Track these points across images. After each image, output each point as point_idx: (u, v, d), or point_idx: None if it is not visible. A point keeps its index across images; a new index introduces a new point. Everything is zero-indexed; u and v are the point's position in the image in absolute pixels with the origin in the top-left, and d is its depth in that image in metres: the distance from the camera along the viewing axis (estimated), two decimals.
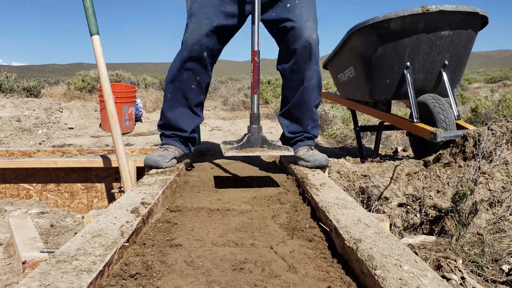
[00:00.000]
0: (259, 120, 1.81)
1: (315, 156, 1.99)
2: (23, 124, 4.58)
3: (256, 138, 1.76)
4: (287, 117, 2.23)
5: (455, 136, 2.37)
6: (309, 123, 2.17)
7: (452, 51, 2.72)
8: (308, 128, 2.17)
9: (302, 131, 2.18)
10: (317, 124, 2.21)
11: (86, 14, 2.32)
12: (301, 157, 2.04)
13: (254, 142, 1.75)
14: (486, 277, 1.36)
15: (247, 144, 1.75)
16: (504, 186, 1.89)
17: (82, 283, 0.78)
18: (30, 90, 7.71)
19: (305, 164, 1.99)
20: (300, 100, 2.12)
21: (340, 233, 1.08)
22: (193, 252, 1.10)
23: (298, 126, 2.19)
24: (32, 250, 1.65)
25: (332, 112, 6.15)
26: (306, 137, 2.18)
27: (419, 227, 1.84)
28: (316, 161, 1.97)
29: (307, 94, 2.09)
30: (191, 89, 2.08)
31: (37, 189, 2.84)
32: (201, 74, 2.06)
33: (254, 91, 1.83)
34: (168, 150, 2.08)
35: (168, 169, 1.96)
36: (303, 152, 2.08)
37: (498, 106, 5.77)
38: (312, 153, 2.05)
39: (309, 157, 2.00)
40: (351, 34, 2.91)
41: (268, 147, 1.76)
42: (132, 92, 4.87)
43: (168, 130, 2.16)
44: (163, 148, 2.10)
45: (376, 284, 0.82)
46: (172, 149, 2.10)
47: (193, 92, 2.09)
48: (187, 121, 2.14)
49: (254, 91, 1.84)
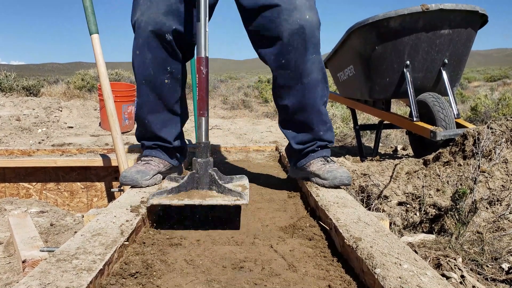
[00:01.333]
0: (208, 152, 1.34)
1: (334, 173, 1.57)
2: (23, 123, 4.57)
3: (203, 176, 1.31)
4: (291, 126, 1.73)
5: (455, 135, 2.37)
6: (320, 128, 1.67)
7: (451, 50, 2.72)
8: (320, 133, 1.68)
9: (313, 139, 1.69)
10: (330, 127, 1.72)
11: (86, 13, 2.32)
12: (315, 173, 1.63)
13: (199, 182, 1.31)
14: (485, 275, 1.36)
15: (189, 184, 1.31)
16: (503, 185, 1.89)
17: (82, 282, 0.78)
18: (30, 89, 7.71)
19: (321, 182, 1.59)
20: (301, 102, 1.63)
21: (340, 232, 1.08)
22: (193, 250, 1.10)
23: (306, 134, 1.69)
24: (32, 249, 1.65)
25: (331, 110, 6.15)
26: (320, 146, 1.70)
27: (419, 225, 1.84)
28: (336, 179, 1.55)
29: (310, 93, 1.61)
30: (164, 84, 1.64)
31: (36, 188, 2.84)
32: (170, 62, 1.62)
33: (200, 112, 1.36)
34: (150, 163, 1.67)
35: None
36: (317, 167, 1.65)
37: (497, 104, 5.77)
38: (330, 167, 1.62)
39: (326, 173, 1.58)
40: (350, 33, 2.91)
41: (218, 189, 1.30)
42: (132, 91, 4.87)
43: (148, 141, 1.75)
44: (143, 162, 1.68)
45: (376, 282, 0.82)
46: (155, 162, 1.69)
47: (167, 88, 1.66)
48: (168, 129, 1.72)
49: (201, 112, 1.36)
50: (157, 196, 1.25)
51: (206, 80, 1.37)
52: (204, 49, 1.36)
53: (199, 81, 1.36)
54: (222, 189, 1.29)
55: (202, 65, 1.36)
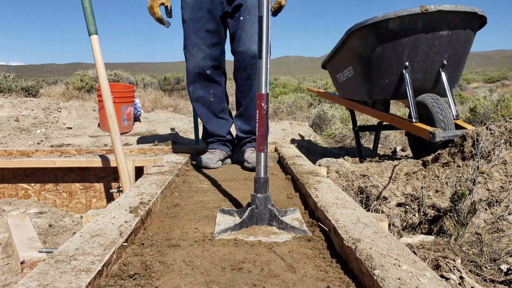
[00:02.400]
0: (267, 187, 1.33)
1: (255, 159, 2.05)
2: (22, 124, 4.57)
3: (262, 212, 1.31)
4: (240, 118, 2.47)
5: (454, 136, 2.37)
6: None
7: (450, 51, 2.73)
8: None
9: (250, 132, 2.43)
10: None
11: (85, 14, 2.32)
12: (245, 159, 2.29)
13: (259, 217, 1.30)
14: (484, 276, 1.36)
15: (249, 220, 1.31)
16: (502, 186, 1.89)
17: (80, 283, 0.78)
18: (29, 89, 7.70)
19: (247, 165, 2.26)
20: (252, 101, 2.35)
21: (339, 233, 1.08)
22: (191, 251, 1.10)
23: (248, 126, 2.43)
24: (30, 250, 1.65)
25: (331, 112, 6.15)
26: (253, 139, 2.42)
27: (418, 226, 1.84)
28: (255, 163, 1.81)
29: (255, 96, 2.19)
30: (211, 101, 2.43)
31: (35, 189, 2.83)
32: (212, 87, 2.41)
33: (260, 148, 1.36)
34: (214, 153, 2.41)
35: (167, 170, 1.96)
36: (248, 154, 2.33)
37: (496, 106, 5.78)
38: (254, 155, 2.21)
39: (250, 159, 2.26)
40: (349, 34, 2.91)
41: (279, 225, 1.30)
42: (131, 91, 4.86)
43: (210, 138, 2.52)
44: (210, 152, 2.43)
45: (375, 284, 0.82)
46: (217, 152, 2.43)
47: (214, 104, 2.44)
48: (220, 127, 2.49)
49: (260, 147, 1.36)
50: (222, 233, 1.24)
51: (266, 116, 1.37)
52: (265, 86, 1.36)
53: (260, 118, 1.36)
54: (284, 226, 1.28)
55: (263, 101, 1.35)
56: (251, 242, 1.18)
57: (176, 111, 7.74)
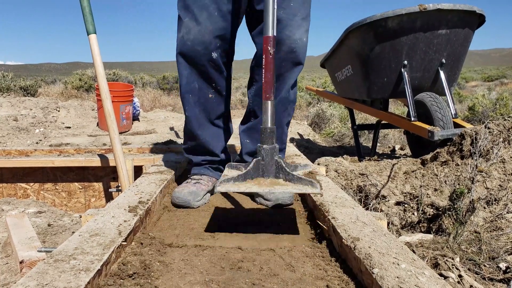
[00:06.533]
0: (273, 138, 1.25)
1: (276, 194, 1.54)
2: (20, 123, 4.56)
3: (268, 164, 1.22)
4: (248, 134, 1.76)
5: (453, 135, 2.37)
6: None
7: (449, 50, 2.73)
8: None
9: None
10: (285, 148, 1.76)
11: (83, 13, 2.32)
12: (259, 193, 1.59)
13: (264, 169, 1.22)
14: (483, 275, 1.36)
15: (255, 172, 1.22)
16: (501, 184, 1.89)
17: (80, 283, 0.78)
18: (27, 89, 7.69)
19: (264, 202, 1.56)
20: None
21: (338, 232, 1.08)
22: (191, 251, 1.10)
23: None
24: (29, 250, 1.65)
25: (329, 110, 6.16)
26: None
27: (417, 225, 1.84)
28: (278, 201, 1.53)
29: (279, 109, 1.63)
30: (209, 98, 1.63)
31: (34, 189, 2.83)
32: (215, 78, 1.60)
33: (266, 96, 1.27)
34: (200, 182, 1.64)
35: (165, 169, 1.95)
36: None
37: (495, 104, 5.78)
38: None
39: (268, 194, 1.56)
40: (348, 33, 2.91)
41: (285, 177, 1.21)
42: (130, 91, 4.86)
43: (197, 156, 1.73)
44: (194, 181, 1.65)
45: (374, 282, 0.82)
46: (204, 180, 1.66)
47: (211, 103, 1.64)
48: (214, 139, 1.70)
49: (267, 95, 1.27)
50: (223, 183, 1.16)
51: (273, 61, 1.27)
52: (272, 28, 1.26)
53: (266, 62, 1.27)
54: (291, 177, 1.19)
55: (270, 45, 1.25)
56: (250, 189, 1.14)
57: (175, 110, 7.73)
